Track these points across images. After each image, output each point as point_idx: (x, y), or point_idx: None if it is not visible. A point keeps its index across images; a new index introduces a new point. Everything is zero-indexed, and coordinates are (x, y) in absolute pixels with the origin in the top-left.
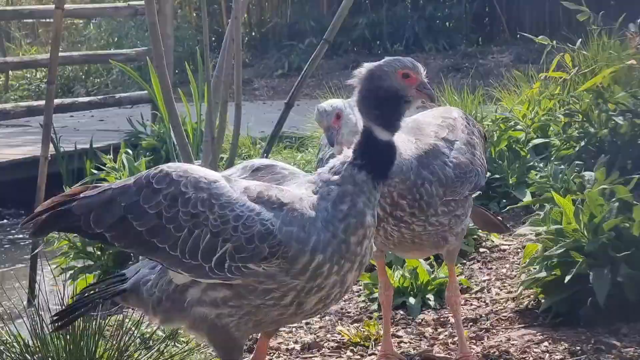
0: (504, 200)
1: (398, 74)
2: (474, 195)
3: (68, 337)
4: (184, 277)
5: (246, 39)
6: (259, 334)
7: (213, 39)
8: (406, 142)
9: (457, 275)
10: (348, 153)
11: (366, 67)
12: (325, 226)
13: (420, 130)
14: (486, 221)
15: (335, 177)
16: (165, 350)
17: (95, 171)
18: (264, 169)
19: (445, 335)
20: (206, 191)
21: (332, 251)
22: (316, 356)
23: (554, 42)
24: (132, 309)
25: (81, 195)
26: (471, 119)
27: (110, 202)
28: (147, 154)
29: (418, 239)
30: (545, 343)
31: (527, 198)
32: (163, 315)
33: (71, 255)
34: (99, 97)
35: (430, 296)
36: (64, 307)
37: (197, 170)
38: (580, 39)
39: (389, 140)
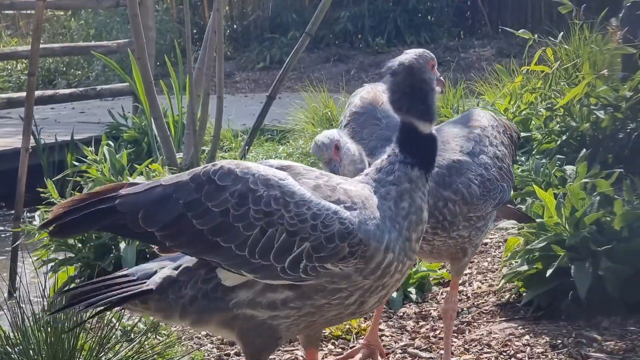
0: None
1: (429, 65)
2: None
3: (49, 329)
4: (242, 278)
5: (228, 31)
6: (304, 345)
7: (194, 31)
8: None
9: (439, 269)
10: (393, 150)
11: (402, 62)
12: (392, 225)
13: (445, 144)
14: (510, 214)
15: (390, 178)
16: (146, 343)
17: (76, 163)
18: (287, 169)
19: (427, 329)
20: (278, 189)
21: (399, 249)
22: (297, 349)
23: (536, 36)
24: (140, 314)
25: (122, 192)
26: (502, 123)
27: (163, 200)
28: (129, 146)
29: (437, 250)
30: (527, 336)
31: None
32: (196, 316)
33: (52, 248)
34: (80, 89)
35: (412, 289)
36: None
37: (258, 166)
38: (561, 33)
39: (431, 133)
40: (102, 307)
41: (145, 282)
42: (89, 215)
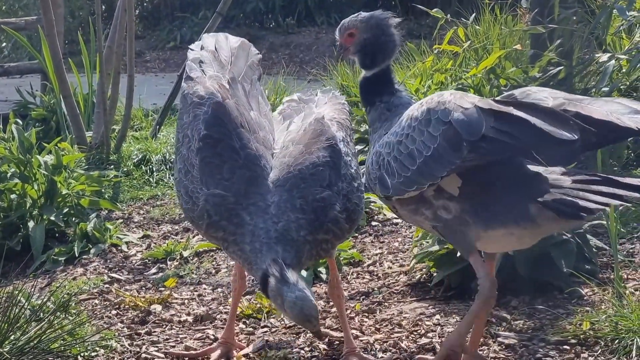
0: None
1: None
2: None
3: None
4: None
5: (138, 10)
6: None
7: (104, 8)
8: (290, 209)
9: (350, 249)
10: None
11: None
12: None
13: (302, 180)
14: None
15: None
16: (55, 322)
17: None
18: None
19: None
20: None
21: None
22: (209, 328)
23: (448, 15)
24: None
25: None
26: (346, 124)
27: None
28: (37, 124)
29: None
30: (437, 316)
31: None
32: None
33: None
34: None
35: (322, 269)
36: None
37: None
38: (473, 14)
39: None
40: None
41: None
42: None
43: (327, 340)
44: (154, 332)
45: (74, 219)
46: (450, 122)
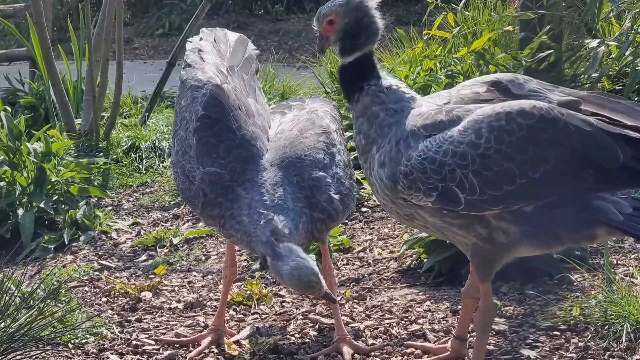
0: None
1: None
2: None
3: None
4: None
5: None
6: None
7: None
8: (287, 183)
9: (340, 235)
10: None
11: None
12: None
13: (300, 159)
14: None
15: None
16: (45, 309)
17: None
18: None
19: None
20: None
21: None
22: (199, 315)
23: (438, 0)
24: None
25: None
26: (338, 118)
27: None
28: (26, 111)
29: None
30: (428, 302)
31: None
32: None
33: None
34: None
35: (313, 255)
36: None
37: None
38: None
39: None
40: None
41: None
42: None
43: (317, 326)
44: (144, 319)
45: (63, 206)
46: (573, 144)
